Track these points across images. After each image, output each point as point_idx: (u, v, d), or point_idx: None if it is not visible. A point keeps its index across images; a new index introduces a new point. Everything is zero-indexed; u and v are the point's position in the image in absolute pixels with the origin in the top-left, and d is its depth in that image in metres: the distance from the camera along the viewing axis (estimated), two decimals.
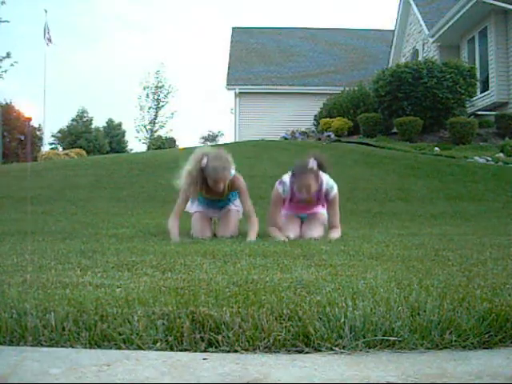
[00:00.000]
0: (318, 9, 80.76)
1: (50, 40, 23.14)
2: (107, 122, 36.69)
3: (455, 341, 1.17)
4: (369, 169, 9.68)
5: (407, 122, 12.22)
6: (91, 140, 31.70)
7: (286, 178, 3.54)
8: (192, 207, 3.84)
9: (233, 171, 3.50)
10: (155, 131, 34.58)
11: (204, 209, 3.81)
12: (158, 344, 1.15)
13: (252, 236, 3.34)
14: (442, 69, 12.31)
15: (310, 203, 3.61)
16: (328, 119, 14.55)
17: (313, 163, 3.42)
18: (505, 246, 2.84)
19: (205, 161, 3.37)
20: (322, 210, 3.73)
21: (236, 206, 3.78)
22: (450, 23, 14.33)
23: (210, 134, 41.44)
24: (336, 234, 3.48)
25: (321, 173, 3.47)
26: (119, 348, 1.14)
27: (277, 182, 3.59)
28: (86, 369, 1.02)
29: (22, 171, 10.96)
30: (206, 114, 71.65)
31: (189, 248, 2.68)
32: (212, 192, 3.56)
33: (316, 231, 3.57)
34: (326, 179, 3.52)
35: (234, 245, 2.85)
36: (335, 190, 3.54)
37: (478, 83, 13.26)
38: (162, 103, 34.55)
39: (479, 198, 7.59)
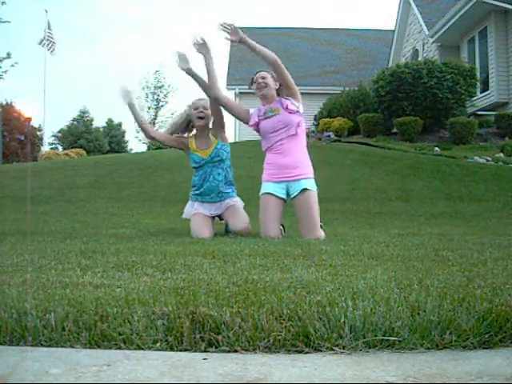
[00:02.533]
0: (317, 9, 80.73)
1: (51, 47, 23.00)
2: (107, 122, 36.69)
3: (455, 341, 1.17)
4: (369, 169, 9.68)
5: (407, 122, 12.22)
6: (91, 140, 31.69)
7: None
8: (191, 209, 3.85)
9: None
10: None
11: (202, 207, 3.80)
12: (158, 344, 1.15)
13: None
14: (442, 69, 12.31)
15: (276, 113, 3.69)
16: (328, 119, 14.55)
17: (267, 73, 3.76)
18: (505, 246, 2.84)
19: (187, 107, 3.92)
20: (310, 185, 3.55)
21: (235, 202, 3.82)
22: (450, 23, 14.34)
23: None
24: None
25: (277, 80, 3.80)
26: (119, 348, 1.14)
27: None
28: (85, 369, 1.02)
29: (21, 171, 10.96)
30: None
31: (189, 248, 2.68)
32: (200, 139, 3.86)
33: (316, 233, 3.46)
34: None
35: (233, 245, 2.85)
36: (290, 99, 3.73)
37: (478, 83, 13.27)
38: (161, 103, 34.56)
39: (479, 198, 7.59)
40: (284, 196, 3.60)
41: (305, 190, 3.52)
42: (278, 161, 3.60)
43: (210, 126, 3.91)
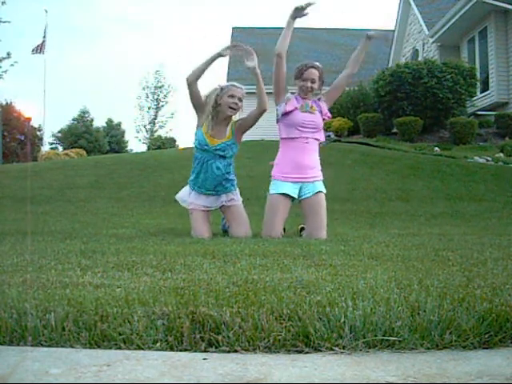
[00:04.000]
0: (317, 9, 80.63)
1: (40, 50, 22.94)
2: (107, 122, 36.70)
3: (455, 341, 1.17)
4: (369, 169, 9.67)
5: (407, 122, 12.22)
6: (91, 140, 31.70)
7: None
8: (187, 197, 3.79)
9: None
10: (155, 131, 34.60)
11: (199, 198, 3.75)
12: (158, 344, 1.15)
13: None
14: (442, 69, 12.31)
15: (312, 111, 3.73)
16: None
17: (319, 64, 3.77)
18: (505, 246, 2.84)
19: (218, 89, 3.76)
20: (321, 187, 3.68)
21: (237, 201, 3.78)
22: (450, 23, 14.34)
23: None
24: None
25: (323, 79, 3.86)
26: (119, 348, 1.14)
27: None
28: (85, 369, 1.02)
29: (21, 171, 10.96)
30: None
31: (189, 248, 2.68)
32: (213, 133, 3.73)
33: (323, 232, 3.55)
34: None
35: (233, 245, 2.85)
36: (330, 115, 3.86)
37: (478, 83, 13.27)
38: (161, 103, 34.58)
39: (479, 198, 7.59)
40: (296, 196, 3.66)
41: (319, 192, 3.64)
42: (299, 158, 3.63)
43: (234, 118, 3.81)
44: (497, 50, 13.29)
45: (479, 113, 13.68)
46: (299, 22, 3.75)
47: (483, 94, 13.85)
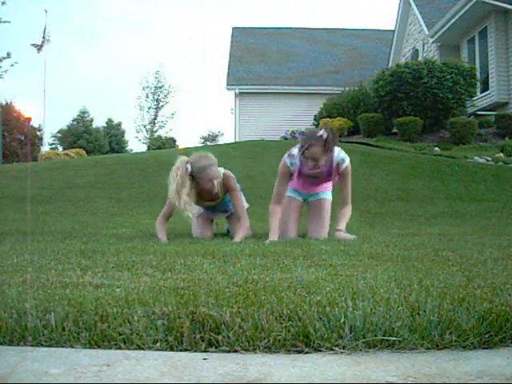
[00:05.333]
0: (317, 9, 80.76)
1: (40, 46, 22.99)
2: (107, 122, 36.70)
3: (455, 341, 1.17)
4: (369, 169, 9.67)
5: (407, 122, 12.21)
6: (91, 140, 31.70)
7: (295, 150, 3.35)
8: (195, 211, 3.81)
9: (221, 169, 3.49)
10: (155, 131, 34.60)
11: (206, 213, 3.80)
12: (158, 344, 1.15)
13: (238, 237, 3.26)
14: (442, 69, 12.30)
15: (319, 178, 3.48)
16: (328, 119, 14.54)
17: (323, 133, 3.20)
18: (505, 246, 2.84)
19: (189, 166, 3.29)
20: (327, 195, 3.70)
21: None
22: (450, 23, 14.33)
23: (210, 133, 41.42)
24: (347, 212, 3.52)
25: (332, 145, 3.27)
26: (119, 348, 1.14)
27: (285, 155, 3.41)
28: (85, 369, 1.02)
29: (21, 171, 10.95)
30: (205, 113, 71.60)
31: (189, 248, 2.68)
32: (207, 197, 3.51)
33: (322, 231, 3.56)
34: (338, 151, 3.37)
35: (233, 245, 2.85)
36: (347, 163, 3.42)
37: (478, 83, 13.26)
38: (161, 103, 34.58)
39: (479, 198, 7.59)
40: (302, 199, 3.76)
41: (322, 198, 3.69)
42: (305, 188, 3.68)
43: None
44: (497, 50, 13.29)
45: (479, 113, 13.67)
46: (299, 22, 3.70)
47: (483, 94, 13.85)
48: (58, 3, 68.53)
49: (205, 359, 1.08)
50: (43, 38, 22.75)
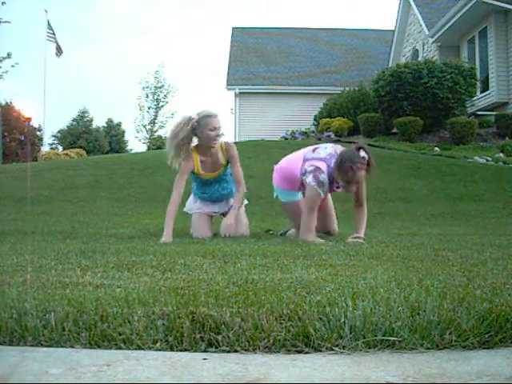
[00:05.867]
0: (317, 9, 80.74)
1: (59, 50, 22.96)
2: (107, 122, 36.69)
3: (455, 341, 1.17)
4: None
5: (407, 122, 12.21)
6: (91, 140, 31.69)
7: (323, 175, 3.10)
8: (193, 206, 3.84)
9: (223, 140, 3.67)
10: (155, 131, 34.60)
11: (205, 206, 3.80)
12: (158, 344, 1.15)
13: (236, 201, 3.61)
14: (442, 69, 12.30)
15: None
16: (328, 119, 14.54)
17: (364, 153, 2.98)
18: (505, 246, 2.84)
19: (195, 118, 3.50)
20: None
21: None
22: (450, 23, 14.33)
23: None
24: (365, 216, 3.32)
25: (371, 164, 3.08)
26: (119, 348, 1.14)
27: (311, 181, 3.11)
28: (85, 369, 1.02)
29: (21, 171, 10.95)
30: None
31: (189, 248, 2.68)
32: (208, 165, 3.63)
33: (335, 222, 3.70)
34: None
35: (234, 245, 2.85)
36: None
37: (478, 83, 13.26)
38: (161, 103, 34.57)
39: (479, 198, 7.59)
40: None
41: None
42: None
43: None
44: (497, 50, 13.29)
45: (479, 113, 13.67)
46: (299, 22, 3.67)
47: (483, 94, 13.85)
48: (58, 3, 68.55)
49: (205, 359, 1.08)
50: (50, 38, 22.64)
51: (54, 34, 22.60)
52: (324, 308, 1.25)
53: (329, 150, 3.27)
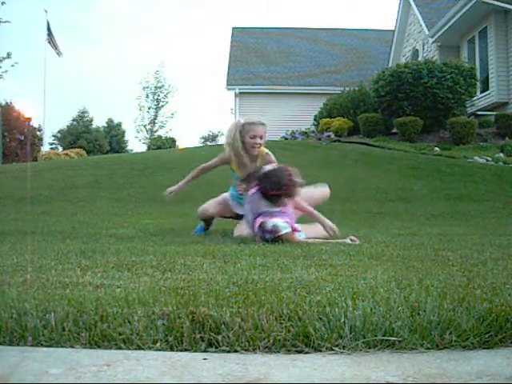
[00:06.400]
0: (317, 9, 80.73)
1: (58, 53, 22.95)
2: (107, 122, 36.70)
3: (455, 341, 1.17)
4: (369, 169, 9.67)
5: (407, 122, 12.22)
6: (91, 140, 31.69)
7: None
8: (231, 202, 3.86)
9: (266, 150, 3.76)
10: (155, 131, 34.62)
11: (235, 206, 3.81)
12: (158, 344, 1.15)
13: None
14: (442, 69, 12.31)
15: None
16: (328, 119, 14.55)
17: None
18: (505, 246, 2.84)
19: (241, 121, 3.68)
20: None
21: None
22: (450, 23, 14.34)
23: (210, 133, 41.44)
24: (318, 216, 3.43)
25: None
26: (119, 348, 1.14)
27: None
28: (85, 369, 1.02)
29: (21, 171, 10.95)
30: (205, 113, 71.66)
31: (189, 248, 2.68)
32: (246, 167, 3.67)
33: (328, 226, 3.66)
34: None
35: (233, 245, 2.85)
36: None
37: (478, 83, 13.26)
38: (161, 103, 34.59)
39: (479, 198, 7.59)
40: None
41: None
42: None
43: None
44: (497, 50, 13.29)
45: (479, 113, 13.68)
46: (299, 22, 3.69)
47: (483, 94, 13.85)
48: (58, 3, 68.51)
49: (205, 359, 1.08)
50: (50, 41, 22.61)
51: (52, 36, 22.60)
52: (324, 308, 1.25)
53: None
